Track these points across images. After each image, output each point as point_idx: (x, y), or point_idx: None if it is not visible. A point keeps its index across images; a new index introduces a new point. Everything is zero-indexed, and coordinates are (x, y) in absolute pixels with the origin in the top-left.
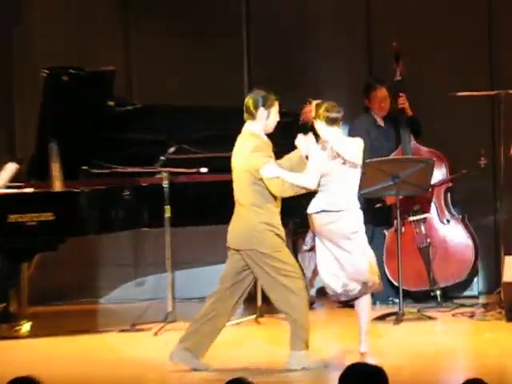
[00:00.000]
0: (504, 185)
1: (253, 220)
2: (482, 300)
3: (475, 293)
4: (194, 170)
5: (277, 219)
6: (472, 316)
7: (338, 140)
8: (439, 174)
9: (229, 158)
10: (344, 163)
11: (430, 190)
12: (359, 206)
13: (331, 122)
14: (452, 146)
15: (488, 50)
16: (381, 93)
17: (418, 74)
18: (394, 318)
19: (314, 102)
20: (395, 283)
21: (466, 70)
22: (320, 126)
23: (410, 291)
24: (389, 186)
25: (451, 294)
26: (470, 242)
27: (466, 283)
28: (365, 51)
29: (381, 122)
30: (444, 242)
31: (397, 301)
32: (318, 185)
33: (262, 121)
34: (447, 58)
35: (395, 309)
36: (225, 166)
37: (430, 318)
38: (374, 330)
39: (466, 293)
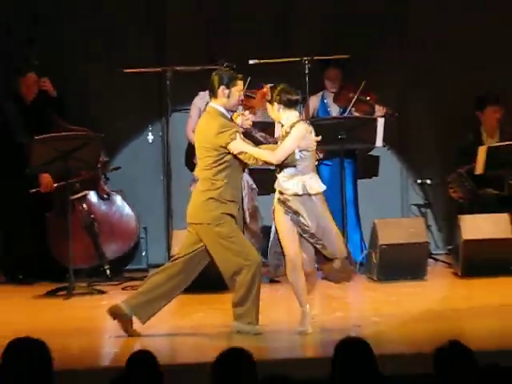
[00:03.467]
0: None
1: (204, 194)
2: None
3: (143, 266)
4: None
5: (230, 195)
6: None
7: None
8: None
9: None
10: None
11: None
12: None
13: (290, 104)
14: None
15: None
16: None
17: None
18: (65, 292)
19: (268, 85)
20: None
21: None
22: (277, 109)
23: (84, 269)
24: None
25: (121, 268)
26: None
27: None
28: None
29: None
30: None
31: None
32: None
33: (223, 99)
34: None
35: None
36: None
37: (100, 291)
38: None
39: (135, 266)
